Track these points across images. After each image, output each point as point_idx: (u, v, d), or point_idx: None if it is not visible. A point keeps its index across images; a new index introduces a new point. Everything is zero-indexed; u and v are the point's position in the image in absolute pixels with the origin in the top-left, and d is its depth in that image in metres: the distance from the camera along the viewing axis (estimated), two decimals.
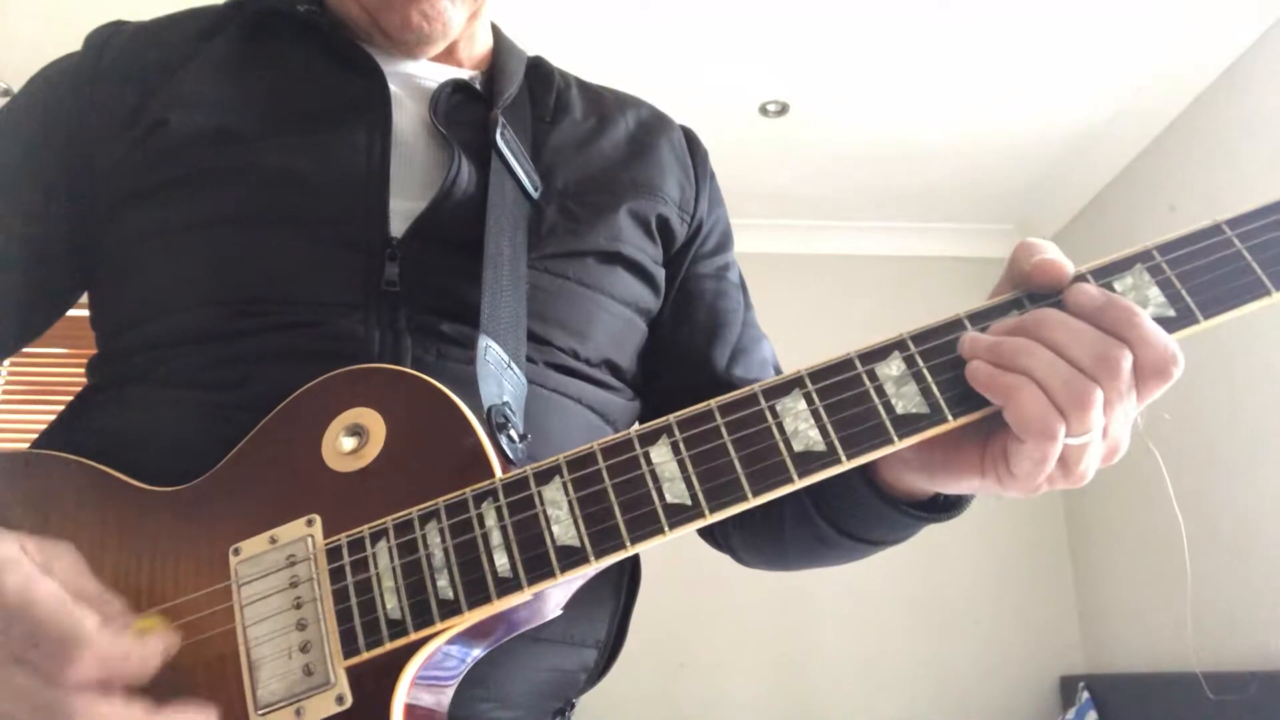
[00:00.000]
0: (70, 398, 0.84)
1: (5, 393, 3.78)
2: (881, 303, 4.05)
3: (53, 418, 0.83)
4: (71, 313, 0.93)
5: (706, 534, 0.98)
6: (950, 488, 0.69)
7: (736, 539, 0.95)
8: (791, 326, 1.00)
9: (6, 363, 3.69)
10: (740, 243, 1.07)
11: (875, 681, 3.70)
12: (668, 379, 0.95)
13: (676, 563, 3.42)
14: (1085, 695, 3.46)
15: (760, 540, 0.92)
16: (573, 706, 0.86)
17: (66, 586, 0.57)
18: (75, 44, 0.93)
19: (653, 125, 1.02)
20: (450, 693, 0.66)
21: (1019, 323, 0.60)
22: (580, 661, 0.83)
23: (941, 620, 3.79)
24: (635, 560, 0.89)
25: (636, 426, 0.63)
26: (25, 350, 0.92)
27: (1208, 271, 0.60)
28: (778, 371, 0.97)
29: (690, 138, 1.06)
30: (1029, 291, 0.63)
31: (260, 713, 0.59)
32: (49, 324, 0.92)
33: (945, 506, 0.74)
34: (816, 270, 4.21)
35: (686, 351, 0.95)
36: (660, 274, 0.94)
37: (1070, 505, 3.96)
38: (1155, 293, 0.60)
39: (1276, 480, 2.84)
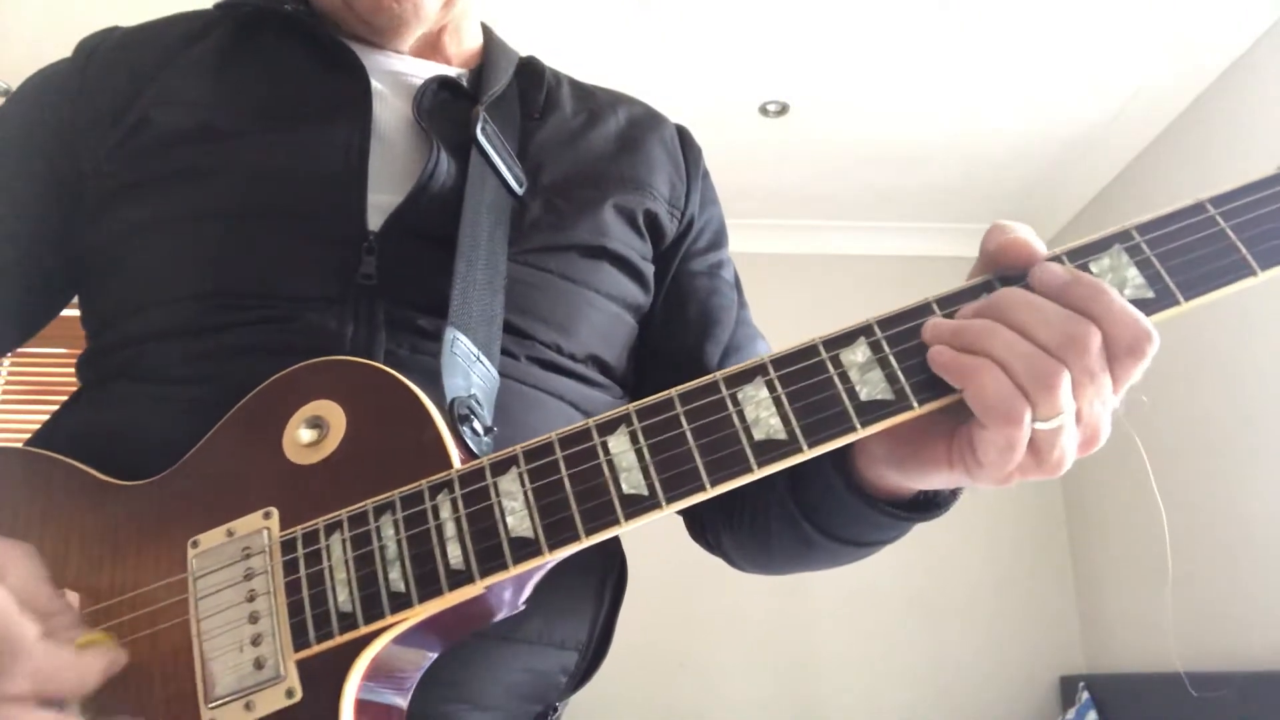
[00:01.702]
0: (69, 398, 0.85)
1: (5, 393, 3.79)
2: (881, 303, 3.94)
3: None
4: (71, 313, 0.93)
5: (700, 539, 0.98)
6: (920, 482, 0.67)
7: (727, 543, 0.93)
8: (791, 326, 1.00)
9: (6, 363, 3.70)
10: (740, 243, 1.07)
11: (875, 681, 3.70)
12: (660, 378, 0.93)
13: (676, 563, 3.41)
14: (1085, 695, 3.45)
15: (748, 545, 0.90)
16: (555, 710, 0.85)
17: (18, 592, 0.57)
18: (74, 44, 0.94)
19: (643, 122, 1.02)
20: (408, 690, 0.65)
21: (983, 305, 0.59)
22: (559, 664, 0.82)
23: (942, 620, 3.79)
24: (621, 565, 0.89)
25: (596, 416, 0.62)
26: (25, 350, 0.93)
27: (1189, 251, 0.58)
28: None
29: (683, 135, 1.05)
30: (999, 274, 0.61)
31: (210, 706, 0.58)
32: (43, 324, 0.92)
33: (929, 505, 0.71)
34: (816, 270, 4.20)
35: (679, 350, 0.94)
36: (649, 270, 0.93)
37: (1070, 505, 3.95)
38: (1134, 273, 0.58)
39: (1268, 477, 2.83)
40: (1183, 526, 3.18)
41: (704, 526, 0.96)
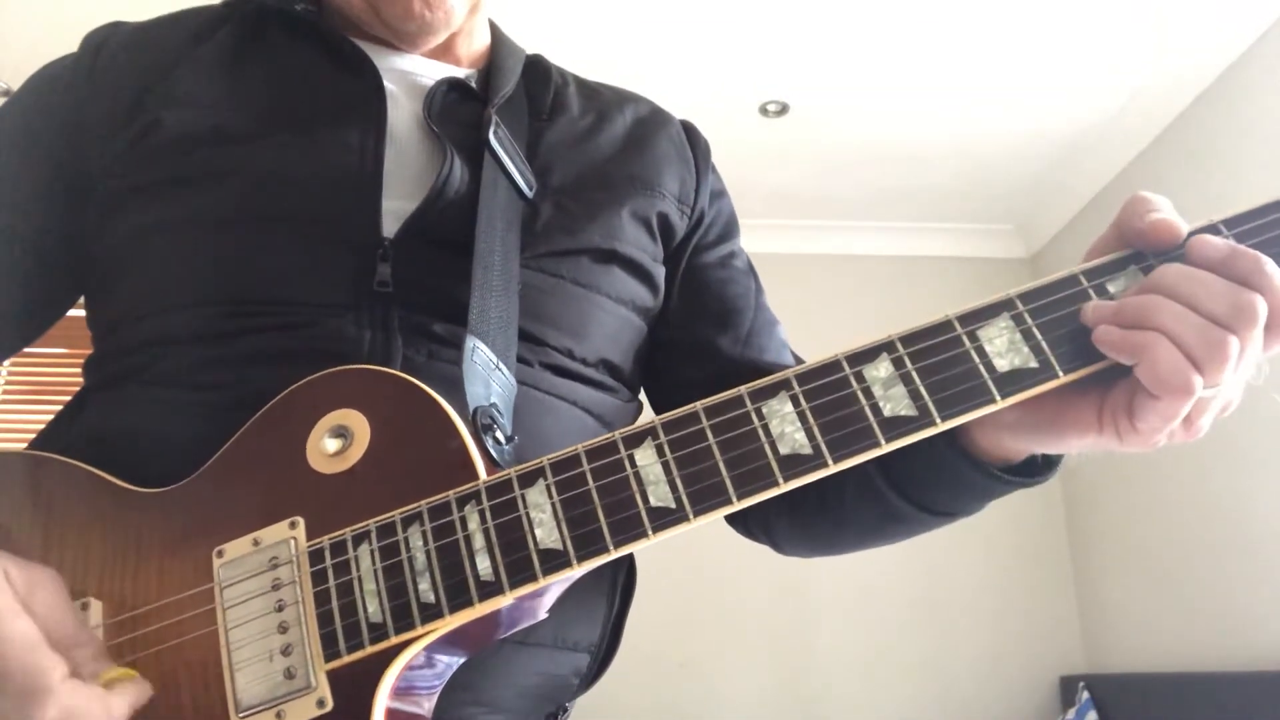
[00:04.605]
0: (69, 398, 0.84)
1: (5, 393, 3.77)
2: (881, 303, 4.05)
3: (51, 418, 0.83)
4: (71, 313, 0.93)
5: (741, 526, 0.97)
6: (1057, 446, 0.67)
7: (782, 524, 0.93)
8: (791, 326, 0.99)
9: (6, 362, 3.69)
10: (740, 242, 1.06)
11: (875, 681, 3.70)
12: (686, 372, 0.93)
13: (677, 563, 3.42)
14: (1085, 695, 3.45)
15: (815, 522, 0.89)
16: (566, 711, 0.85)
17: (43, 624, 0.58)
18: (74, 44, 0.93)
19: (651, 120, 1.02)
20: (434, 698, 0.65)
21: (1145, 283, 0.60)
22: (572, 666, 0.82)
23: (942, 620, 3.79)
24: (630, 565, 0.89)
25: (621, 429, 0.62)
26: (25, 350, 0.92)
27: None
28: (793, 355, 0.97)
29: (690, 130, 1.05)
30: (1139, 252, 0.62)
31: (240, 716, 0.58)
32: (47, 326, 0.92)
33: (1033, 470, 0.72)
34: (816, 270, 4.20)
35: (702, 342, 0.94)
36: (659, 272, 0.93)
37: (1070, 505, 3.95)
38: None
39: (1269, 476, 2.83)
40: (1183, 526, 3.19)
41: (748, 514, 0.95)
